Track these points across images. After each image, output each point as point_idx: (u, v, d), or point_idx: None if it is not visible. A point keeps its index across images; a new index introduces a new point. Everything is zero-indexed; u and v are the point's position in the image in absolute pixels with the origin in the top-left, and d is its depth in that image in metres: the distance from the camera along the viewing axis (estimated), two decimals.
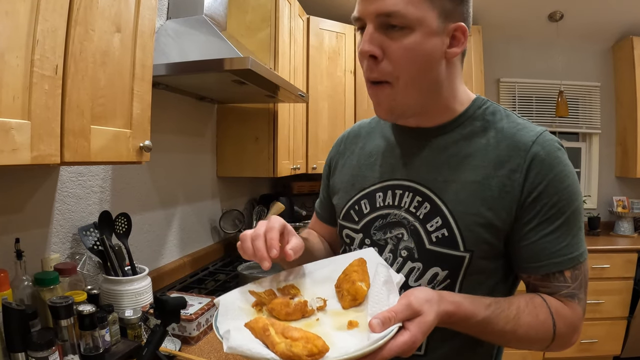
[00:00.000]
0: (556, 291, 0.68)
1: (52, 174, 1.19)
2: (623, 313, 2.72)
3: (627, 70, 3.09)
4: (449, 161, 0.72)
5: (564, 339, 0.68)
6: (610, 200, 3.28)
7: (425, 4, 0.63)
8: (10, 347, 0.88)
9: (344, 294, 0.65)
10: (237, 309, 0.64)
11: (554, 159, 0.67)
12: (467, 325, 0.61)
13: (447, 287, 0.71)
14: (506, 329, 0.63)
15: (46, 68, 0.73)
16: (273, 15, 2.03)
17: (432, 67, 0.67)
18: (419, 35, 0.63)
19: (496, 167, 0.68)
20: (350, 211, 0.82)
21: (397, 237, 0.74)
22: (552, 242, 0.67)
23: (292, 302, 0.64)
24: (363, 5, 0.66)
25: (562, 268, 0.67)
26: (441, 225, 0.70)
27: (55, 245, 1.19)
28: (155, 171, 1.66)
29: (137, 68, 1.01)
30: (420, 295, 0.55)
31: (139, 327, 1.17)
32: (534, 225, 0.67)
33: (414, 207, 0.73)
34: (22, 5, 0.68)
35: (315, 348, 0.51)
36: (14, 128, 0.67)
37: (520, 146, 0.68)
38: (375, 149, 0.83)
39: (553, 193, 0.66)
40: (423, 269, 0.72)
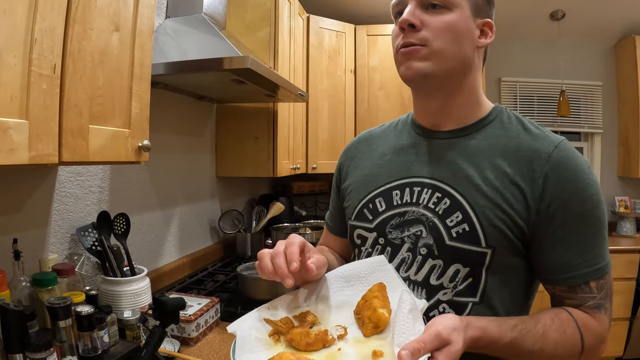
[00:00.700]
0: (582, 302, 0.68)
1: (50, 174, 1.19)
2: (625, 314, 2.72)
3: (629, 70, 3.09)
4: (470, 160, 0.73)
5: (592, 351, 0.68)
6: (613, 201, 3.28)
7: None
8: (8, 348, 0.88)
9: (365, 321, 0.63)
10: (255, 339, 0.62)
11: (575, 167, 0.68)
12: (494, 349, 0.62)
13: (470, 285, 0.70)
14: (534, 348, 0.63)
15: (44, 67, 0.73)
16: (273, 14, 2.03)
17: (464, 45, 0.72)
18: (455, 16, 0.70)
19: (517, 169, 0.69)
20: (363, 210, 0.81)
21: (416, 234, 0.74)
22: (579, 253, 0.67)
23: (312, 331, 0.63)
24: None
25: (588, 279, 0.67)
26: (462, 220, 0.70)
27: (53, 246, 1.19)
28: (154, 171, 1.66)
29: (135, 67, 1.01)
30: (448, 323, 0.55)
31: (138, 328, 1.17)
32: (560, 234, 0.67)
33: (433, 202, 0.73)
34: (20, 4, 0.68)
35: None
36: (12, 127, 0.67)
37: (541, 151, 0.69)
38: (389, 149, 0.84)
39: (577, 202, 0.67)
40: (444, 266, 0.71)
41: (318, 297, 0.71)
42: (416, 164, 0.78)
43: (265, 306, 0.69)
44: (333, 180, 0.97)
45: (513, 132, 0.74)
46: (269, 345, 0.62)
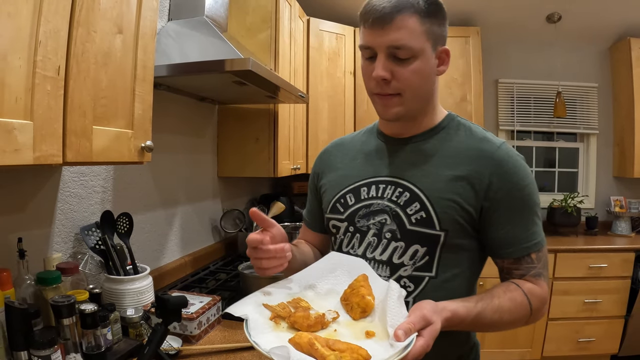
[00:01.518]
0: (526, 272, 0.82)
1: (54, 174, 1.19)
2: (621, 312, 2.72)
3: (624, 71, 3.09)
4: (427, 160, 0.86)
5: (538, 312, 0.81)
6: (608, 200, 3.28)
7: (423, 36, 0.79)
8: (13, 346, 0.88)
9: (354, 306, 0.72)
10: (262, 323, 0.69)
11: (514, 162, 0.82)
12: (463, 325, 0.73)
13: (426, 263, 0.83)
14: (494, 318, 0.76)
15: (48, 69, 0.73)
16: (273, 16, 2.03)
17: (428, 83, 0.85)
18: (420, 62, 0.80)
19: (466, 165, 0.82)
20: (336, 204, 0.93)
21: (381, 222, 0.86)
22: (522, 230, 0.81)
23: (312, 315, 0.70)
24: (373, 37, 0.79)
25: (529, 252, 0.81)
26: (420, 209, 0.82)
27: (57, 245, 1.19)
28: (157, 171, 1.66)
29: (138, 69, 1.01)
30: (430, 307, 0.67)
31: (141, 326, 1.17)
32: (506, 217, 0.81)
33: (395, 196, 0.85)
34: (25, 7, 0.68)
35: (361, 357, 0.58)
36: (17, 128, 0.67)
37: (485, 152, 0.83)
38: (359, 154, 0.96)
39: (518, 189, 0.81)
40: (405, 247, 0.83)
41: (307, 285, 0.80)
42: (381, 166, 0.91)
43: (260, 292, 0.76)
44: (309, 181, 1.07)
45: (462, 136, 0.87)
46: (273, 327, 0.69)
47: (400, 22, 0.77)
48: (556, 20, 2.97)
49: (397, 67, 0.79)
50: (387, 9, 0.76)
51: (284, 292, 0.77)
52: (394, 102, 0.83)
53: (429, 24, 0.79)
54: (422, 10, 0.78)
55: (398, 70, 0.79)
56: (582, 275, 2.69)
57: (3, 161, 0.65)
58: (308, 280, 0.80)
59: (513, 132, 3.34)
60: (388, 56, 0.79)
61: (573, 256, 2.69)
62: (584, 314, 2.71)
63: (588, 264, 2.69)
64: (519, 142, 3.39)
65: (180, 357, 1.10)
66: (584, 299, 2.70)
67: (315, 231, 1.06)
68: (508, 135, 3.36)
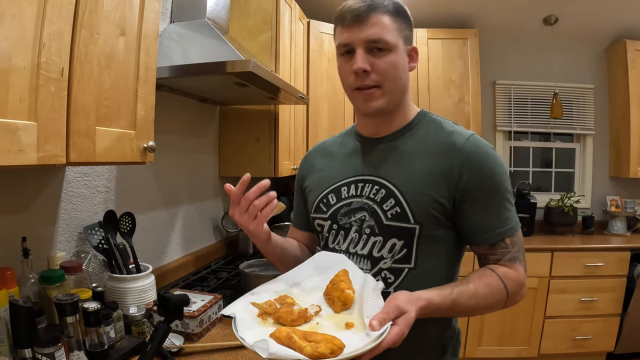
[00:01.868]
0: (502, 257, 0.84)
1: (58, 174, 1.19)
2: (616, 310, 2.72)
3: (620, 73, 3.09)
4: (401, 157, 0.89)
5: (515, 295, 0.83)
6: (604, 200, 3.28)
7: (396, 32, 0.84)
8: (17, 344, 0.88)
9: (335, 300, 0.76)
10: (249, 319, 0.73)
11: (483, 152, 0.84)
12: (439, 312, 0.76)
13: (405, 255, 0.85)
14: (471, 303, 0.78)
15: (52, 71, 0.73)
16: (274, 18, 2.03)
17: (404, 76, 0.88)
18: (395, 55, 0.84)
19: (437, 159, 0.85)
20: (319, 204, 0.96)
21: (361, 219, 0.89)
22: (494, 217, 0.83)
23: (294, 310, 0.74)
24: (351, 34, 0.84)
25: (503, 237, 0.83)
26: (394, 204, 0.85)
27: (61, 244, 1.20)
28: (159, 171, 1.66)
29: (141, 70, 1.01)
30: (404, 297, 0.70)
31: (143, 323, 1.17)
32: (478, 205, 0.83)
33: (373, 193, 0.89)
34: (29, 9, 0.68)
35: (335, 346, 0.62)
36: (21, 129, 0.67)
37: (455, 145, 0.85)
38: (340, 156, 1.00)
39: (488, 178, 0.83)
40: (383, 241, 0.86)
41: (292, 283, 0.84)
42: (359, 166, 0.94)
43: (250, 293, 0.80)
44: (295, 184, 1.10)
45: (433, 132, 0.90)
46: (260, 323, 0.73)
47: (375, 19, 0.83)
48: (553, 23, 2.97)
49: (375, 59, 0.83)
50: (362, 8, 0.83)
51: (272, 290, 0.81)
52: (375, 95, 0.86)
53: (399, 22, 0.86)
54: (391, 10, 0.85)
55: (376, 62, 0.83)
56: (578, 274, 2.69)
57: (7, 161, 0.65)
58: (294, 279, 0.84)
59: (510, 132, 3.34)
60: (366, 50, 0.83)
61: (570, 255, 2.69)
62: (581, 312, 2.71)
63: (584, 263, 2.69)
64: (516, 142, 3.39)
65: (182, 354, 1.10)
66: (580, 298, 2.70)
67: (302, 230, 1.08)
68: (505, 136, 3.36)
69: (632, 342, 2.76)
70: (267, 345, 0.62)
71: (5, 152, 0.64)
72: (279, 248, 0.94)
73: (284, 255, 0.97)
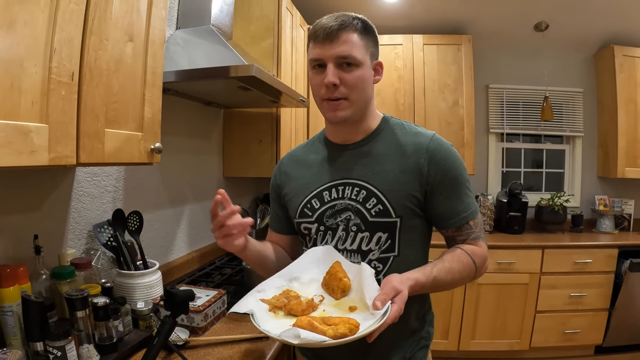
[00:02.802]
0: (467, 237, 0.93)
1: (68, 174, 1.19)
2: (604, 305, 2.72)
3: (608, 77, 3.09)
4: (374, 160, 0.94)
5: (482, 268, 0.93)
6: (593, 199, 3.28)
7: (363, 49, 0.90)
8: (29, 337, 0.88)
9: (335, 289, 0.82)
10: (264, 314, 0.78)
11: (445, 150, 0.92)
12: (425, 289, 0.83)
13: (390, 245, 0.92)
14: (448, 279, 0.86)
15: (63, 75, 0.73)
16: (276, 25, 2.03)
17: (368, 89, 0.93)
18: (362, 70, 0.90)
19: (406, 159, 0.92)
20: (304, 209, 0.99)
21: (347, 218, 0.94)
22: (459, 204, 0.92)
23: (303, 301, 0.79)
24: (323, 50, 0.88)
25: (468, 219, 0.93)
26: (377, 203, 0.91)
27: (71, 241, 1.20)
28: (165, 172, 1.66)
29: (148, 75, 1.01)
30: (397, 279, 0.77)
31: (150, 318, 1.17)
32: (445, 195, 0.91)
33: (354, 195, 0.94)
34: (40, 16, 0.68)
35: (352, 325, 0.68)
36: (33, 131, 0.67)
37: (421, 145, 0.92)
38: (314, 163, 1.03)
39: (451, 171, 0.91)
40: (370, 236, 0.92)
41: (291, 278, 0.88)
42: (335, 171, 0.98)
43: (256, 290, 0.84)
44: (271, 191, 1.12)
45: (398, 134, 0.96)
46: (273, 316, 0.77)
47: (345, 37, 0.88)
48: (544, 29, 2.97)
49: (344, 74, 0.89)
50: (334, 27, 0.87)
51: (275, 286, 0.85)
52: (342, 105, 0.91)
53: (366, 40, 0.91)
54: (360, 29, 0.90)
55: (345, 77, 0.88)
56: (568, 270, 2.69)
57: (20, 162, 0.65)
58: (292, 274, 0.89)
59: (503, 134, 3.34)
60: (336, 65, 0.88)
61: (560, 252, 2.69)
62: (570, 306, 2.71)
63: (574, 260, 2.69)
64: (508, 144, 3.39)
65: (187, 347, 1.10)
66: (569, 293, 2.70)
67: (282, 234, 1.11)
68: (498, 138, 3.35)
69: (620, 336, 2.77)
70: (298, 333, 0.65)
71: (18, 153, 0.65)
72: (255, 254, 0.97)
73: (262, 260, 1.00)
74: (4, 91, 0.62)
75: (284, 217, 1.08)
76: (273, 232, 1.13)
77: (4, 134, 0.62)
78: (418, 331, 0.99)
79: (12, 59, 0.63)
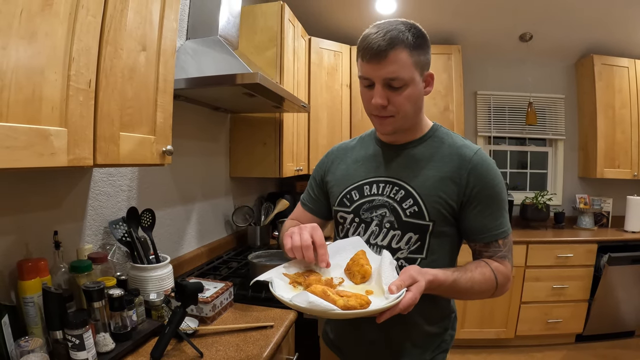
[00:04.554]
0: (494, 254, 0.88)
1: (86, 175, 1.19)
2: (585, 296, 2.73)
3: (588, 84, 3.09)
4: (417, 163, 0.91)
5: (503, 287, 0.87)
6: (574, 198, 3.28)
7: (412, 67, 0.82)
8: (50, 326, 0.88)
9: (355, 274, 0.80)
10: (284, 285, 0.77)
11: (487, 166, 0.87)
12: (442, 289, 0.78)
13: (419, 247, 0.89)
14: (467, 286, 0.81)
15: (81, 82, 0.73)
16: (279, 36, 2.03)
17: (418, 104, 0.88)
18: (410, 89, 0.83)
19: (449, 167, 0.87)
20: (343, 199, 0.97)
21: (382, 214, 0.91)
22: (491, 221, 0.87)
23: (322, 279, 0.78)
24: (371, 70, 0.83)
25: (497, 238, 0.87)
26: (413, 204, 0.88)
27: (88, 237, 1.20)
28: (176, 172, 1.66)
29: (160, 82, 1.01)
30: (416, 269, 0.73)
31: (162, 308, 1.17)
32: (479, 209, 0.86)
33: (393, 193, 0.91)
34: (60, 28, 0.68)
35: (363, 301, 0.66)
36: (53, 135, 0.67)
37: (464, 157, 0.87)
38: (361, 157, 1.00)
39: (489, 187, 0.86)
40: (401, 235, 0.89)
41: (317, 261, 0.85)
42: (380, 168, 0.95)
43: (283, 266, 0.83)
44: (315, 173, 1.08)
45: (445, 143, 0.91)
46: (292, 289, 0.76)
47: (394, 57, 0.80)
48: (528, 40, 2.97)
49: (392, 94, 0.83)
50: (382, 47, 0.79)
51: (299, 266, 0.84)
52: (389, 121, 0.87)
53: (416, 55, 0.82)
54: (411, 44, 0.81)
55: (393, 97, 0.83)
56: (550, 264, 2.69)
57: (41, 163, 0.65)
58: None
59: (490, 137, 3.34)
60: (384, 86, 0.83)
61: (543, 247, 2.69)
62: (553, 298, 2.71)
63: (556, 254, 2.69)
64: (495, 146, 3.38)
65: (196, 336, 1.10)
66: (552, 285, 2.70)
67: (317, 217, 1.07)
68: (485, 141, 3.35)
69: (599, 325, 2.77)
70: (308, 298, 0.64)
71: (39, 155, 0.65)
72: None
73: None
74: (26, 97, 0.62)
75: (324, 201, 1.05)
76: (306, 212, 1.09)
77: (26, 137, 0.62)
78: (440, 335, 0.94)
79: (34, 67, 0.63)
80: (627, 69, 2.99)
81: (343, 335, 1.00)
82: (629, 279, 2.64)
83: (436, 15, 2.81)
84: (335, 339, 1.02)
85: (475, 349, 2.73)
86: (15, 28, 0.60)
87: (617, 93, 2.99)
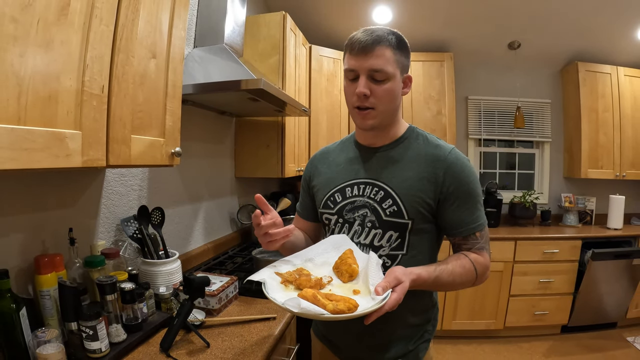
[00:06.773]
0: (472, 246, 0.89)
1: (99, 175, 1.19)
2: (569, 290, 2.73)
3: (572, 90, 3.09)
4: (395, 164, 0.91)
5: (482, 276, 0.88)
6: (559, 197, 3.28)
7: (394, 64, 0.85)
8: (65, 318, 0.88)
9: (343, 272, 0.80)
10: (276, 285, 0.76)
11: (461, 164, 0.87)
12: (426, 285, 0.79)
13: (399, 244, 0.89)
14: (449, 280, 0.82)
15: (94, 88, 0.73)
16: (281, 44, 2.03)
17: (396, 100, 0.89)
18: (391, 83, 0.85)
19: (425, 167, 0.88)
20: (327, 201, 0.97)
21: (363, 215, 0.91)
22: (468, 215, 0.87)
23: (312, 279, 0.78)
24: (358, 62, 0.84)
25: (474, 231, 0.88)
26: (392, 204, 0.88)
27: (101, 234, 1.20)
28: (184, 172, 1.66)
29: (169, 88, 1.01)
30: (400, 271, 0.74)
31: (171, 301, 1.17)
32: (456, 205, 0.87)
33: (373, 194, 0.91)
34: (75, 36, 0.68)
35: (351, 305, 0.66)
36: (68, 137, 0.67)
37: (440, 156, 0.88)
38: (342, 160, 1.00)
39: (465, 184, 0.86)
40: (382, 233, 0.89)
41: (306, 259, 0.86)
42: (360, 170, 0.95)
43: (272, 265, 0.82)
44: (302, 182, 1.10)
45: (421, 144, 0.92)
46: (283, 289, 0.76)
47: (379, 52, 0.83)
48: (516, 47, 2.97)
49: (374, 86, 0.85)
50: (369, 41, 0.83)
51: (290, 264, 0.83)
52: (370, 115, 0.88)
53: (399, 55, 0.86)
54: (394, 45, 0.84)
55: (375, 89, 0.85)
56: (537, 259, 2.69)
57: (57, 164, 0.65)
58: (307, 256, 0.87)
59: (480, 140, 3.34)
60: (368, 77, 0.84)
61: (530, 243, 2.69)
62: (539, 291, 2.71)
63: (543, 250, 2.69)
64: (485, 148, 3.38)
65: (204, 327, 1.10)
66: (539, 279, 2.70)
67: (307, 220, 1.09)
68: (476, 143, 3.35)
69: (583, 317, 2.77)
70: (299, 302, 0.65)
71: (55, 156, 0.65)
72: (290, 245, 0.96)
73: (294, 249, 0.98)
74: (43, 102, 0.62)
75: (311, 205, 1.06)
76: (300, 218, 1.11)
77: (43, 140, 0.62)
78: (423, 325, 0.95)
79: (50, 73, 0.63)
80: (609, 75, 2.99)
81: (332, 328, 1.00)
82: (611, 273, 2.64)
83: (430, 25, 2.81)
84: (325, 332, 1.02)
85: (466, 340, 2.73)
86: (33, 37, 0.60)
87: (600, 98, 2.99)
